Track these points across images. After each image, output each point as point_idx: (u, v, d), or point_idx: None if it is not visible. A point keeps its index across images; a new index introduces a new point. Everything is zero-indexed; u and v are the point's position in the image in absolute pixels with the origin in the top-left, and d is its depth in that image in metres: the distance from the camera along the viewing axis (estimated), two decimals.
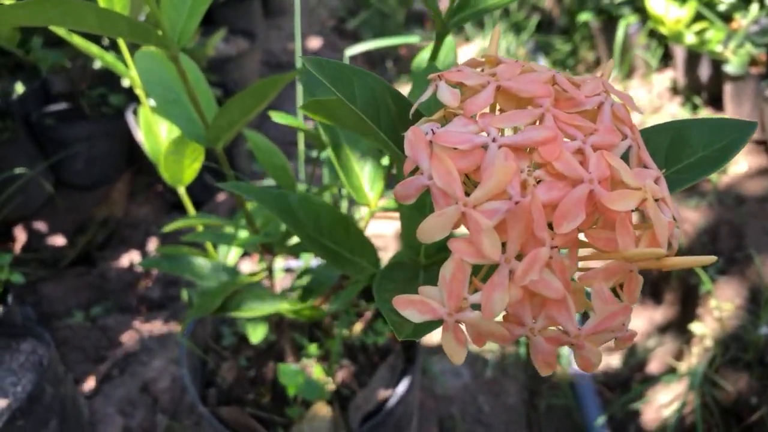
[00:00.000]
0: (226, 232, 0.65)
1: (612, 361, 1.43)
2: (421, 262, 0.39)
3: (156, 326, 1.22)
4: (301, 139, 0.93)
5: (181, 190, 0.72)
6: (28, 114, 1.48)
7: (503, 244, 0.23)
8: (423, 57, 0.44)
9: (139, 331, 1.20)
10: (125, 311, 1.28)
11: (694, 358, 1.31)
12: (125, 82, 1.37)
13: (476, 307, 0.23)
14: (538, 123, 0.24)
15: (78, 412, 0.95)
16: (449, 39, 0.45)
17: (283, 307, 0.58)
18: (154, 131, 0.71)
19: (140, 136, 1.47)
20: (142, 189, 1.59)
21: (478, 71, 0.27)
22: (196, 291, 1.21)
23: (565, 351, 1.34)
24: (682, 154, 0.28)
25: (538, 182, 0.23)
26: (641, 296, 1.52)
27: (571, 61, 2.29)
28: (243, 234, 0.64)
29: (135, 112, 1.47)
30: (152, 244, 1.43)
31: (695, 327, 1.31)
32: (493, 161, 0.23)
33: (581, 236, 0.24)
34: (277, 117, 0.51)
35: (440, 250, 0.39)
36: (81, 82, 1.58)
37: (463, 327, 0.24)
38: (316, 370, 0.81)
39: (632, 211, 0.23)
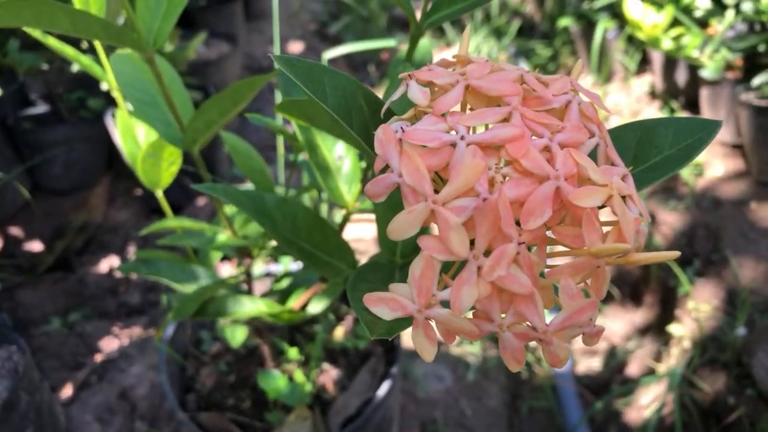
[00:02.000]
0: (204, 235, 0.64)
1: (593, 363, 1.44)
2: (398, 262, 0.39)
3: (135, 332, 1.21)
4: (280, 142, 0.92)
5: (159, 194, 0.71)
6: (5, 117, 1.46)
7: (471, 241, 0.23)
8: (400, 58, 0.44)
9: (117, 337, 1.19)
10: (104, 317, 1.26)
11: (673, 360, 1.32)
12: (104, 86, 1.36)
13: (446, 304, 0.24)
14: (506, 121, 0.24)
15: (54, 420, 0.93)
16: (425, 41, 0.45)
17: (262, 310, 0.58)
18: (131, 134, 0.70)
19: (119, 139, 1.46)
20: (122, 193, 1.57)
21: (449, 71, 0.27)
22: (174, 297, 1.20)
23: None
24: (649, 153, 0.28)
25: (506, 179, 0.24)
26: (621, 299, 1.53)
27: (552, 66, 2.31)
28: (222, 237, 0.64)
29: (114, 116, 1.46)
30: (132, 249, 1.42)
31: (674, 328, 1.32)
32: (462, 159, 0.23)
33: (548, 233, 0.25)
34: (254, 118, 0.51)
35: (416, 250, 0.39)
36: (58, 86, 1.56)
37: (433, 324, 0.24)
38: (296, 375, 0.80)
39: (599, 207, 0.24)
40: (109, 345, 1.17)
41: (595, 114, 0.26)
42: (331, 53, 0.84)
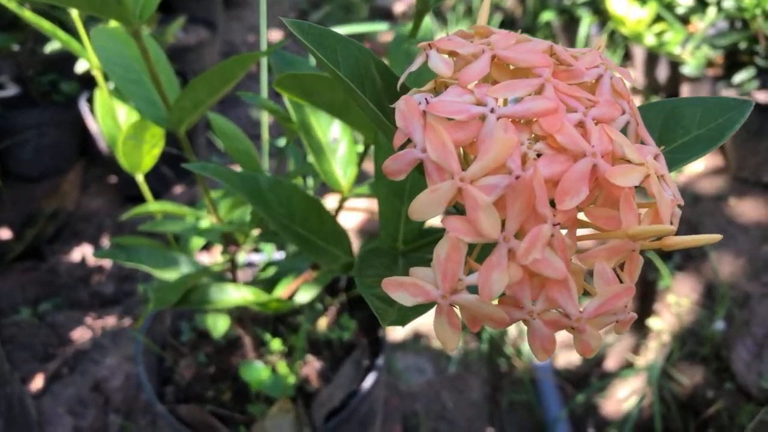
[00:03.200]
0: (187, 221, 0.62)
1: (572, 357, 1.44)
2: (400, 249, 0.37)
3: (109, 322, 1.17)
4: (265, 129, 0.90)
5: (140, 178, 0.68)
6: None
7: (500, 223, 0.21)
8: (401, 34, 0.42)
9: (90, 328, 1.15)
10: (76, 307, 1.22)
11: (652, 353, 1.33)
12: (78, 68, 1.31)
13: (472, 289, 0.22)
14: (537, 94, 0.23)
15: (25, 413, 0.90)
16: (427, 20, 0.44)
17: (248, 299, 0.56)
18: (111, 115, 0.67)
19: (93, 125, 1.41)
20: (95, 180, 1.53)
21: (472, 41, 0.25)
22: (151, 286, 1.17)
23: (526, 347, 1.35)
24: (675, 133, 0.27)
25: (538, 156, 0.22)
26: None
27: None
28: (206, 223, 0.61)
29: (89, 100, 1.42)
30: (106, 238, 1.38)
31: (653, 322, 1.33)
32: (492, 133, 0.21)
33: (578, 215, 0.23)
34: (246, 96, 0.48)
35: (418, 237, 0.38)
36: (30, 68, 1.50)
37: (457, 311, 0.22)
38: (279, 366, 0.78)
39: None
40: (82, 336, 1.14)
41: (626, 90, 0.25)
42: None
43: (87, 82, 1.49)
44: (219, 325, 0.71)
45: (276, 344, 0.80)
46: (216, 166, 0.38)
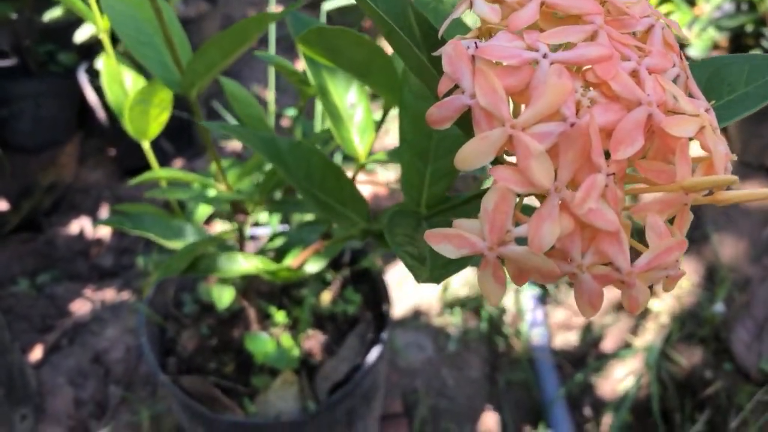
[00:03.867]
0: (195, 188, 0.61)
1: (570, 337, 1.45)
2: (422, 213, 0.36)
3: (108, 295, 1.16)
4: (271, 98, 0.89)
5: (146, 145, 0.67)
6: None
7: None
8: None
9: (90, 300, 1.15)
10: (74, 279, 1.21)
11: (650, 334, 1.33)
12: (78, 38, 1.29)
13: (520, 242, 0.21)
14: (591, 40, 0.22)
15: (26, 382, 0.89)
16: None
17: (259, 267, 0.55)
18: (118, 81, 0.66)
19: (92, 96, 1.39)
20: (93, 153, 1.51)
21: None
22: (152, 259, 1.16)
23: (524, 327, 1.36)
24: (721, 91, 0.26)
25: (591, 104, 0.21)
26: None
27: None
28: (213, 191, 0.60)
29: (88, 71, 1.39)
30: (104, 211, 1.36)
31: (652, 303, 1.34)
32: (546, 78, 0.21)
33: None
34: (263, 56, 0.47)
35: (441, 201, 0.37)
36: (27, 38, 1.48)
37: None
38: (283, 339, 0.78)
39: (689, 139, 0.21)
40: (81, 308, 1.13)
41: (676, 42, 0.24)
42: (330, 4, 0.80)
43: (86, 53, 1.47)
44: (224, 297, 0.71)
45: (280, 317, 0.80)
46: (236, 126, 0.37)
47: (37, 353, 1.02)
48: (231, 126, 0.37)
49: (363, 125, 0.46)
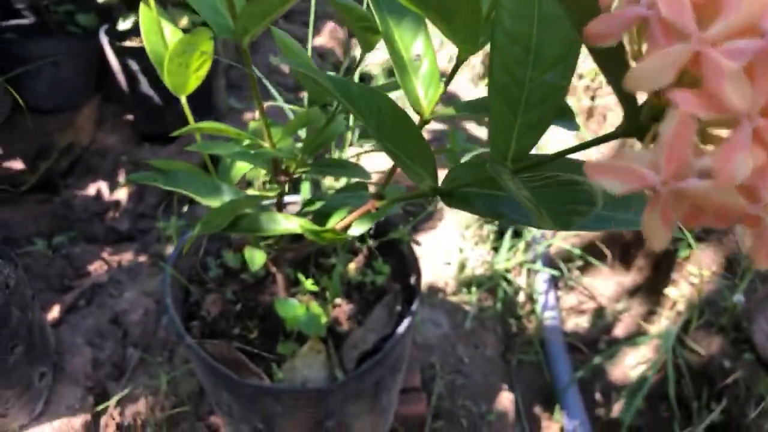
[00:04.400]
0: (235, 144, 0.59)
1: (581, 322, 1.44)
2: (509, 167, 0.35)
3: (125, 258, 1.15)
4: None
5: (183, 100, 0.65)
6: None
7: None
8: None
9: (107, 262, 1.14)
10: (91, 241, 1.20)
11: (664, 321, 1.33)
12: None
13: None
14: None
15: (45, 340, 0.88)
16: None
17: (304, 226, 0.54)
18: (157, 31, 0.64)
19: (113, 60, 1.37)
20: (111, 117, 1.49)
21: None
22: (171, 225, 1.14)
23: (537, 308, 1.35)
24: None
25: None
26: (611, 261, 1.53)
27: None
28: (256, 149, 0.59)
29: (108, 33, 1.37)
30: (122, 175, 1.35)
31: (669, 291, 1.33)
32: None
33: None
34: None
35: (528, 157, 0.35)
36: None
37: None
38: (312, 306, 0.77)
39: None
40: (98, 269, 1.12)
41: None
42: None
43: (104, 15, 1.44)
44: (257, 259, 0.69)
45: (309, 284, 0.79)
46: (306, 64, 0.36)
47: (54, 312, 1.01)
48: (304, 63, 0.36)
49: (428, 78, 0.44)
